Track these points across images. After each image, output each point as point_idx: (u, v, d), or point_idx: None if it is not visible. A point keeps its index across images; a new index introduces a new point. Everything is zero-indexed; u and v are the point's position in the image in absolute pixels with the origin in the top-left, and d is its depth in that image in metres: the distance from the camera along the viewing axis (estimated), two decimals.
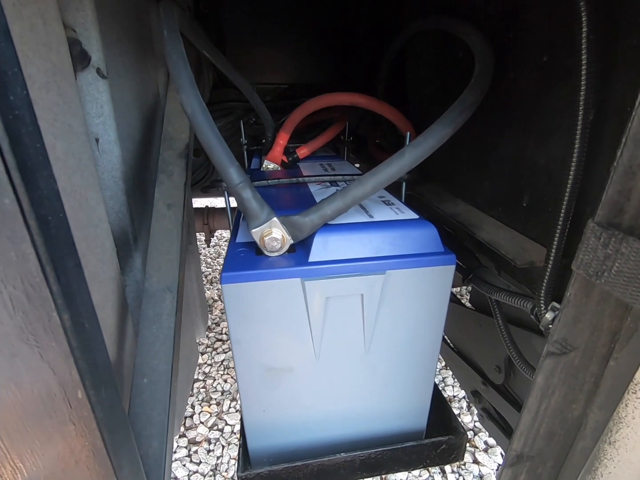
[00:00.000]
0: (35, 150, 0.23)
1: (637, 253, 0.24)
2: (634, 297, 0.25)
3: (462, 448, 0.56)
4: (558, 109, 0.48)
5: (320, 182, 0.68)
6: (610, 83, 0.40)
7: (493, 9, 0.58)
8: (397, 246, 0.45)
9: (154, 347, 0.53)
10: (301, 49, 1.30)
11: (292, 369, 0.49)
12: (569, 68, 0.46)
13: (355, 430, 0.55)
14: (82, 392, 0.27)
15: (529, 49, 0.52)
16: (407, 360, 0.51)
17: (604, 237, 0.27)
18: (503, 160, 0.59)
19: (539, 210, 0.52)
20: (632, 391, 0.28)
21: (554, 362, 0.34)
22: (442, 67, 0.75)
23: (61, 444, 0.29)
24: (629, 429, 0.29)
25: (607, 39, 0.39)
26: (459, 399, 1.73)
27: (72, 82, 0.46)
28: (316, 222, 0.44)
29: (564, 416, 0.38)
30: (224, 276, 0.42)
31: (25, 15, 0.37)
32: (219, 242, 3.11)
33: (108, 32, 0.55)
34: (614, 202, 0.27)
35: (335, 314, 0.46)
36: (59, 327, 0.25)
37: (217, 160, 0.43)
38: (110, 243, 0.55)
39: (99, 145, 0.57)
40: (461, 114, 0.45)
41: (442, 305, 0.49)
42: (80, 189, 0.47)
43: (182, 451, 1.48)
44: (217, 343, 2.05)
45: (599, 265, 0.27)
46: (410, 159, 0.42)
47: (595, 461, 0.32)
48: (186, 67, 0.43)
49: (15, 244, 0.22)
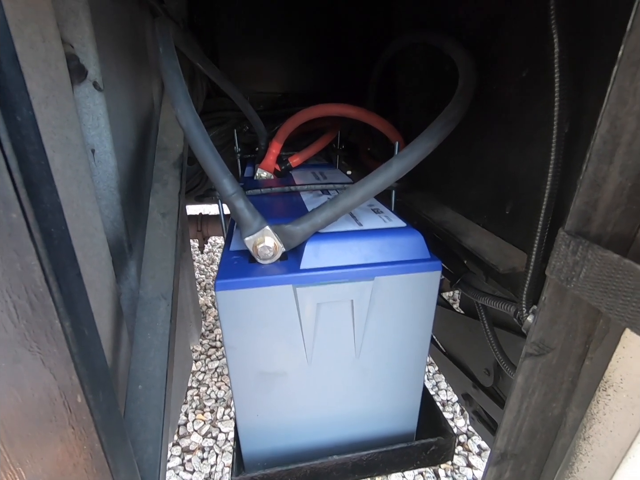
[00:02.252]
0: (39, 166, 0.24)
1: (601, 260, 0.26)
2: (599, 301, 0.27)
3: (452, 449, 0.57)
4: (537, 121, 0.51)
5: (312, 190, 0.70)
6: (584, 98, 0.43)
7: (476, 26, 0.61)
8: (385, 253, 0.47)
9: (149, 354, 0.54)
10: (294, 58, 1.33)
11: (285, 373, 0.50)
12: (546, 83, 0.48)
13: (347, 433, 0.57)
14: (81, 397, 0.28)
15: (509, 64, 0.54)
16: (396, 364, 0.53)
17: (572, 244, 0.29)
18: (487, 169, 0.62)
19: (521, 218, 0.54)
20: (602, 389, 0.30)
21: (532, 362, 0.36)
22: (430, 78, 0.78)
23: (60, 447, 0.30)
24: (600, 425, 0.31)
25: (580, 56, 0.42)
26: (452, 403, 1.74)
27: (69, 96, 0.48)
28: (307, 230, 0.46)
29: (545, 414, 0.39)
30: (218, 283, 0.43)
31: (26, 33, 0.39)
32: (212, 249, 3.11)
33: (104, 46, 0.57)
34: (582, 212, 0.29)
35: (327, 319, 0.48)
36: (60, 334, 0.26)
37: (211, 172, 0.44)
38: (106, 252, 0.56)
39: (95, 156, 0.59)
40: (445, 127, 0.47)
41: (429, 309, 0.50)
42: (77, 200, 0.48)
43: (175, 460, 1.47)
44: (211, 350, 2.04)
45: (569, 271, 0.29)
46: (397, 170, 0.44)
47: (572, 457, 0.34)
48: (181, 82, 0.44)
49: (21, 255, 0.23)
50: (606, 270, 0.26)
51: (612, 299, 0.26)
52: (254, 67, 1.31)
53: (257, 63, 1.31)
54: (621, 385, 0.29)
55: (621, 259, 0.25)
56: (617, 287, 0.25)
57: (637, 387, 0.28)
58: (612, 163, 0.28)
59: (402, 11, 0.90)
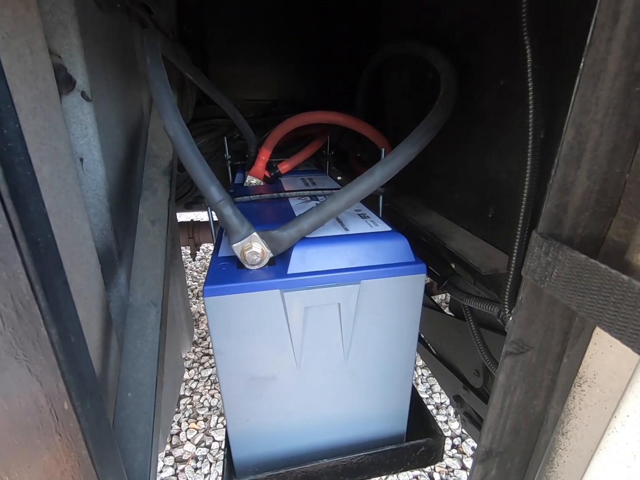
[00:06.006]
0: (25, 177, 0.25)
1: (571, 260, 0.28)
2: (570, 299, 0.28)
3: (441, 450, 0.58)
4: (515, 128, 0.53)
5: (301, 196, 0.71)
6: (558, 106, 0.45)
7: (457, 37, 0.63)
8: (371, 257, 0.48)
9: (139, 361, 0.54)
10: (283, 66, 1.35)
11: (275, 377, 0.51)
12: (521, 91, 0.50)
13: (337, 436, 0.57)
14: (68, 404, 0.29)
15: (488, 74, 0.56)
16: (385, 365, 0.54)
17: (545, 246, 0.30)
18: (471, 174, 0.64)
19: (503, 221, 0.56)
20: (577, 384, 0.32)
21: (512, 361, 0.37)
22: (415, 86, 0.80)
23: (47, 454, 0.30)
24: (577, 420, 0.32)
25: (553, 66, 0.44)
26: (446, 406, 1.75)
27: (57, 107, 0.48)
28: (294, 236, 0.47)
29: (527, 412, 0.40)
30: (207, 289, 0.44)
31: (13, 46, 0.39)
32: (205, 256, 3.09)
33: (92, 57, 0.57)
34: (553, 215, 0.31)
35: (314, 323, 0.48)
36: (46, 341, 0.26)
37: (198, 180, 0.45)
38: (95, 260, 0.56)
39: (84, 165, 0.59)
40: (426, 134, 0.48)
41: (415, 311, 0.51)
42: (65, 208, 0.48)
43: (168, 470, 1.45)
44: (204, 358, 2.03)
45: (542, 271, 0.30)
46: (380, 176, 0.45)
47: (552, 452, 0.35)
48: (168, 93, 0.45)
49: (7, 264, 0.23)
50: (575, 270, 0.27)
51: (581, 297, 0.27)
52: (244, 75, 1.33)
53: (247, 71, 1.32)
54: (594, 380, 0.31)
55: (588, 259, 0.26)
56: (585, 286, 0.26)
57: (608, 382, 0.29)
58: (579, 168, 0.29)
59: (388, 21, 0.92)
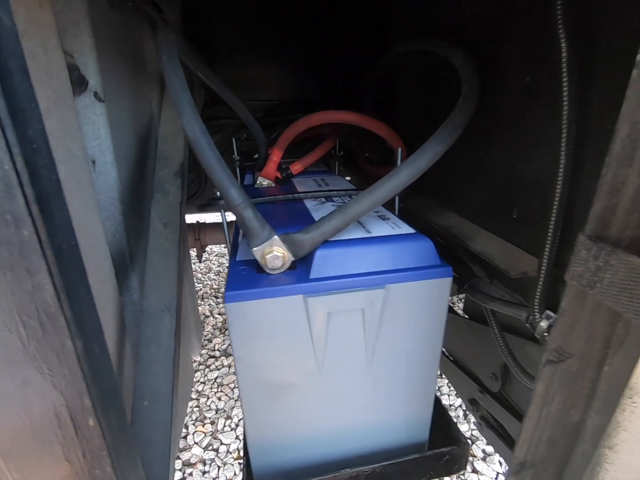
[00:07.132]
0: (50, 181, 0.23)
1: (627, 265, 0.26)
2: (626, 307, 0.26)
3: (465, 458, 0.56)
4: (541, 126, 0.51)
5: (316, 197, 0.69)
6: (590, 102, 0.43)
7: (477, 32, 0.61)
8: (395, 260, 0.47)
9: (154, 368, 0.52)
10: (290, 66, 1.33)
11: (296, 385, 0.49)
12: (550, 88, 0.48)
13: (359, 445, 0.55)
14: (93, 419, 0.27)
15: (512, 70, 0.55)
16: (408, 372, 0.52)
17: (594, 250, 0.28)
18: (493, 174, 0.62)
19: (529, 222, 0.54)
20: (627, 396, 0.30)
21: (552, 369, 0.35)
22: (427, 84, 0.79)
23: (69, 470, 0.29)
24: (626, 433, 0.30)
25: (585, 61, 0.42)
26: (454, 407, 1.73)
27: (71, 107, 0.47)
28: (317, 239, 0.45)
29: (564, 422, 0.39)
30: (228, 295, 0.42)
31: (27, 46, 0.38)
32: (209, 257, 3.08)
33: (105, 57, 0.56)
34: (602, 216, 0.29)
35: (337, 329, 0.47)
36: (72, 354, 0.25)
37: (218, 181, 0.44)
38: (109, 264, 0.55)
39: (96, 167, 0.58)
40: (453, 132, 0.47)
41: (440, 316, 0.50)
42: (79, 212, 0.47)
43: (176, 474, 1.44)
44: (210, 360, 2.01)
45: (591, 276, 0.29)
46: (407, 176, 0.44)
47: (597, 466, 0.33)
48: (186, 92, 0.44)
49: (32, 274, 0.22)
50: (632, 276, 0.25)
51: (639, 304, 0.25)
52: (250, 75, 1.31)
53: (255, 71, 1.31)
54: None
55: None
56: None
57: None
58: (631, 167, 0.28)
59: (400, 19, 0.90)
